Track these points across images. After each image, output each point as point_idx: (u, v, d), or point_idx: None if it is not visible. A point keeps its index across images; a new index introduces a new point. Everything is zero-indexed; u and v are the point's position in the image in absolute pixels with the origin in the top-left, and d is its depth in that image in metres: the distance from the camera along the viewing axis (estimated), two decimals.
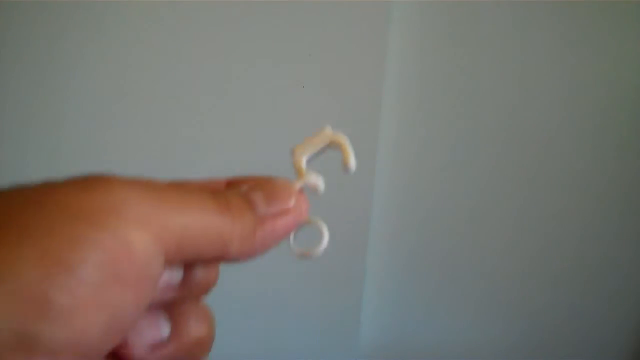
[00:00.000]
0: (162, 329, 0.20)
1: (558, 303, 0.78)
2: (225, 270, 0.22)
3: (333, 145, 0.23)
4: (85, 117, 0.64)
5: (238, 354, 0.74)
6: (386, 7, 0.62)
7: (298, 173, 0.22)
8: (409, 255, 0.76)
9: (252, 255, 0.20)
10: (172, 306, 0.20)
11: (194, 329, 0.20)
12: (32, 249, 0.15)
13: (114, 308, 0.16)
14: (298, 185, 0.22)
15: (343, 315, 0.76)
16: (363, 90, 0.65)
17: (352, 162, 0.23)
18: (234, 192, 0.20)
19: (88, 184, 0.17)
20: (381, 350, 0.82)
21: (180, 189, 0.19)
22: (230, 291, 0.72)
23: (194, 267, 0.20)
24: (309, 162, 0.23)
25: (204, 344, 0.20)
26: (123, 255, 0.16)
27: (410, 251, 0.76)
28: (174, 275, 0.20)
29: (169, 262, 0.17)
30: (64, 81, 0.63)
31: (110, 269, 0.16)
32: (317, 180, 0.22)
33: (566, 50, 0.65)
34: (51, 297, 0.14)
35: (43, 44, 0.61)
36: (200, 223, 0.18)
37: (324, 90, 0.65)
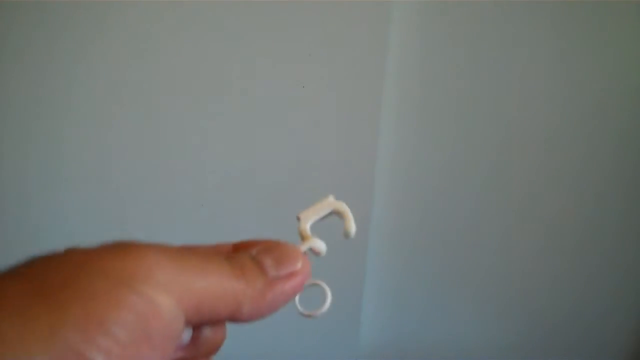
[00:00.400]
0: None
1: (557, 303, 0.78)
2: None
3: (335, 212, 0.26)
4: (86, 117, 0.64)
5: (238, 354, 0.74)
6: (386, 7, 0.62)
7: (303, 238, 0.25)
8: (409, 255, 0.76)
9: (262, 316, 0.21)
10: None
11: None
12: (78, 312, 0.16)
13: None
14: (303, 248, 0.24)
15: (343, 315, 0.76)
16: (363, 90, 0.65)
17: (353, 229, 0.26)
18: (245, 255, 0.22)
19: (121, 250, 0.19)
20: (381, 350, 0.83)
21: (199, 254, 0.20)
22: None
23: (203, 327, 0.22)
24: (312, 227, 0.25)
25: None
26: (152, 316, 0.17)
27: (410, 251, 0.76)
28: (184, 336, 0.22)
29: (188, 322, 0.19)
30: (63, 81, 0.63)
31: (141, 328, 0.17)
32: (320, 245, 0.24)
33: (566, 50, 0.65)
34: (90, 357, 0.16)
35: (43, 44, 0.61)
36: (218, 287, 0.20)
37: (324, 90, 0.65)
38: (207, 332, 0.22)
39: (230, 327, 0.23)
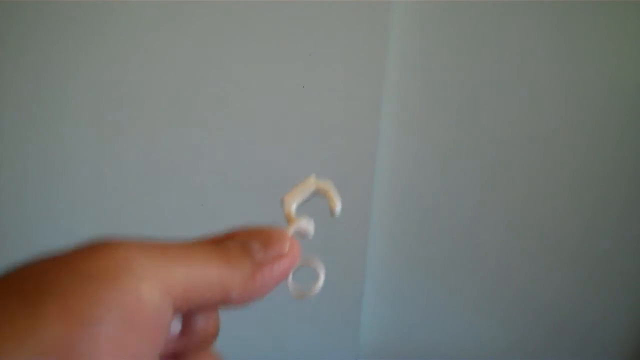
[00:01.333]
0: None
1: (558, 303, 0.78)
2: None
3: (319, 192, 0.25)
4: (85, 117, 0.64)
5: (238, 354, 0.74)
6: (386, 7, 0.62)
7: (289, 220, 0.24)
8: (409, 255, 0.76)
9: (252, 300, 0.21)
10: (180, 359, 0.21)
11: None
12: (54, 307, 0.16)
13: (132, 356, 0.17)
14: (290, 231, 0.23)
15: (343, 315, 0.76)
16: (363, 90, 0.65)
17: (338, 207, 0.25)
18: (231, 241, 0.21)
19: (95, 249, 0.18)
20: (381, 350, 0.83)
21: (182, 245, 0.20)
22: None
23: (194, 316, 0.22)
24: (298, 208, 0.25)
25: None
26: (135, 308, 0.17)
27: (410, 251, 0.76)
28: (173, 327, 0.21)
29: (177, 310, 0.19)
30: (63, 81, 0.63)
31: (125, 321, 0.17)
32: (308, 225, 0.24)
33: (566, 51, 0.65)
34: (74, 352, 0.16)
35: (43, 44, 0.61)
36: (203, 273, 0.19)
37: (324, 90, 0.65)
38: (199, 322, 0.22)
39: (230, 327, 0.23)
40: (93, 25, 0.61)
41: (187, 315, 0.22)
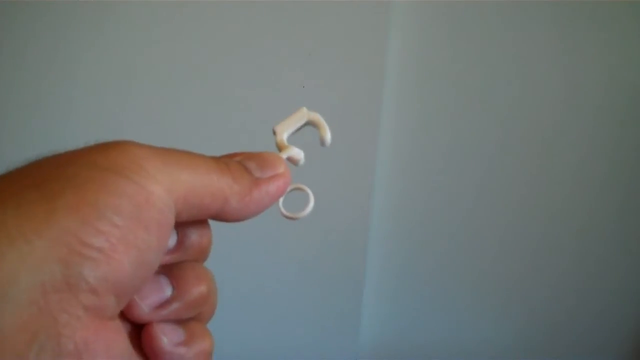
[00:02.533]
0: (165, 290, 0.21)
1: (557, 302, 0.78)
2: (226, 270, 0.22)
3: (310, 123, 0.27)
4: (86, 118, 0.64)
5: (238, 353, 0.74)
6: (386, 7, 0.62)
7: (281, 148, 0.25)
8: (409, 255, 0.76)
9: (248, 214, 0.22)
10: (172, 268, 0.22)
11: (195, 286, 0.22)
12: (72, 197, 0.17)
13: (141, 248, 0.18)
14: (283, 156, 0.25)
15: (343, 315, 0.76)
16: (363, 90, 0.65)
17: (328, 135, 0.26)
18: (228, 159, 0.23)
19: (110, 146, 0.19)
20: (381, 350, 0.83)
21: (187, 152, 0.21)
22: (230, 291, 0.72)
23: (188, 230, 0.22)
24: (289, 138, 0.26)
25: (206, 301, 0.22)
26: (145, 202, 0.18)
27: (410, 251, 0.76)
28: (170, 239, 0.22)
29: (178, 214, 0.20)
30: (64, 81, 0.63)
31: (135, 213, 0.18)
32: (298, 153, 0.25)
33: (566, 51, 0.65)
34: (89, 240, 0.17)
35: (43, 44, 0.61)
36: (205, 180, 0.20)
37: (324, 90, 0.65)
38: (193, 236, 0.23)
39: (230, 327, 0.23)
40: (93, 24, 0.61)
41: (182, 229, 0.22)
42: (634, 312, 0.78)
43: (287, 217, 0.25)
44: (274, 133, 0.26)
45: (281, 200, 0.24)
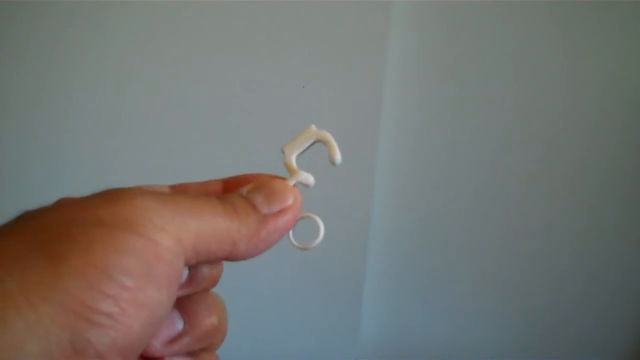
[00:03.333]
0: (177, 325, 0.21)
1: (557, 303, 0.78)
2: (225, 271, 0.22)
3: (319, 142, 0.26)
4: (86, 118, 0.64)
5: (238, 353, 0.74)
6: (386, 7, 0.62)
7: (290, 171, 0.24)
8: (409, 255, 0.76)
9: (258, 253, 0.22)
10: (183, 301, 0.22)
11: (206, 319, 0.22)
12: (78, 261, 0.16)
13: (151, 307, 0.18)
14: (292, 182, 0.24)
15: (343, 315, 0.76)
16: (363, 90, 0.65)
17: (338, 156, 0.25)
18: (237, 195, 0.22)
19: (113, 197, 0.19)
20: (381, 350, 0.83)
21: (191, 197, 0.20)
22: (230, 291, 0.72)
23: (199, 266, 0.22)
24: (298, 158, 0.25)
25: (217, 331, 0.22)
26: (154, 256, 0.18)
27: (410, 251, 0.76)
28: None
29: (187, 262, 0.19)
30: (63, 82, 0.63)
31: (144, 270, 0.17)
32: (308, 177, 0.24)
33: (566, 51, 0.65)
34: (96, 305, 0.16)
35: (43, 44, 0.61)
36: (213, 226, 0.20)
37: (324, 90, 0.65)
38: (205, 269, 0.22)
39: (230, 327, 0.23)
40: (93, 24, 0.61)
41: (194, 267, 0.22)
42: (635, 313, 0.78)
43: (297, 248, 0.24)
44: (282, 153, 0.25)
45: (291, 231, 0.23)
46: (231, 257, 0.21)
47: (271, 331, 0.77)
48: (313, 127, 0.26)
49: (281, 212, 0.22)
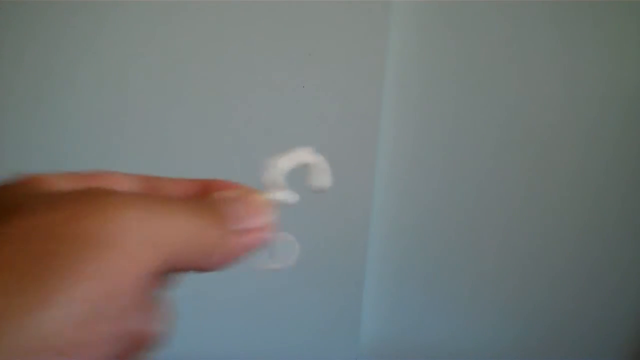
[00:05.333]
0: None
1: (557, 302, 0.78)
2: (225, 271, 0.22)
3: (305, 163, 0.25)
4: (86, 118, 0.64)
5: (238, 353, 0.74)
6: (386, 7, 0.62)
7: (271, 188, 0.24)
8: (409, 255, 0.76)
9: (228, 266, 0.21)
10: None
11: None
12: (57, 292, 0.16)
13: (127, 330, 0.17)
14: (270, 199, 0.23)
15: (343, 315, 0.76)
16: (363, 90, 0.65)
17: (321, 184, 0.24)
18: (211, 205, 0.22)
19: (89, 208, 0.18)
20: (381, 349, 0.83)
21: (167, 202, 0.20)
22: (230, 291, 0.72)
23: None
24: (282, 176, 0.24)
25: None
26: (136, 277, 0.17)
27: (410, 251, 0.76)
28: None
29: (159, 272, 0.19)
30: (63, 81, 0.63)
31: (127, 294, 0.17)
32: (289, 196, 0.24)
33: (566, 51, 0.65)
34: (75, 340, 0.16)
35: (43, 44, 0.61)
36: (185, 240, 0.20)
37: (324, 90, 0.65)
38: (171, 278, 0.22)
39: (230, 327, 0.23)
40: (93, 25, 0.61)
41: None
42: (635, 313, 0.78)
43: (266, 269, 0.23)
44: (266, 168, 0.24)
45: (267, 249, 0.23)
46: (200, 269, 0.21)
47: (271, 331, 0.77)
48: (309, 151, 0.26)
49: (254, 230, 0.22)
